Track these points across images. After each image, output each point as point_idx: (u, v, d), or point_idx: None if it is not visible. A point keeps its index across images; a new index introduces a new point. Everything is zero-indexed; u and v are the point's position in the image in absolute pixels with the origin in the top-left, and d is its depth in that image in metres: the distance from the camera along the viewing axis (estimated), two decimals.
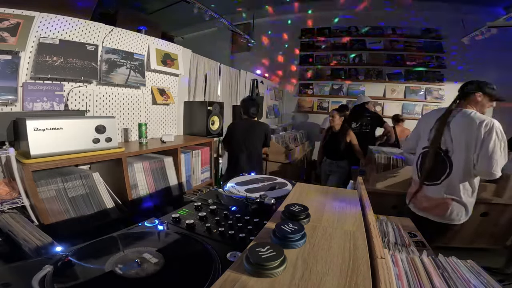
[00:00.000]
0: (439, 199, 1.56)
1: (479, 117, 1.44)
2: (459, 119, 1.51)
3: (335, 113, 3.02)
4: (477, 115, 1.47)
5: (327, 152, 3.16)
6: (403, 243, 0.97)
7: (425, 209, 1.63)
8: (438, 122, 1.59)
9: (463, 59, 4.57)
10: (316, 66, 5.41)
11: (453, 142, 1.50)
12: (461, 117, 1.51)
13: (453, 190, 1.52)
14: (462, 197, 1.51)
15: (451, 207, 1.53)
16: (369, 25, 5.07)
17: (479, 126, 1.40)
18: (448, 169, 1.52)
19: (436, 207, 1.57)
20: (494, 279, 0.60)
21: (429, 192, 1.60)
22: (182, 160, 1.91)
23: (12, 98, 1.34)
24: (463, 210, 1.54)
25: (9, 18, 1.33)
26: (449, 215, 1.54)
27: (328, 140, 3.09)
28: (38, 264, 0.53)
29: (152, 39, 2.12)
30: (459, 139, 1.48)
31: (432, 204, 1.59)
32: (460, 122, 1.50)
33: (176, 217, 0.81)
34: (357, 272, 0.46)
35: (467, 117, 1.48)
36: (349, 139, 2.95)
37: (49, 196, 1.19)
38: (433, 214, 1.59)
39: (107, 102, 1.83)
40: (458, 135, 1.49)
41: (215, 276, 0.53)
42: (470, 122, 1.45)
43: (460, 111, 1.54)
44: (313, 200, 0.82)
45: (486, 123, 1.40)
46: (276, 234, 0.55)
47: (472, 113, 1.48)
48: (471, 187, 1.52)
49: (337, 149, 2.98)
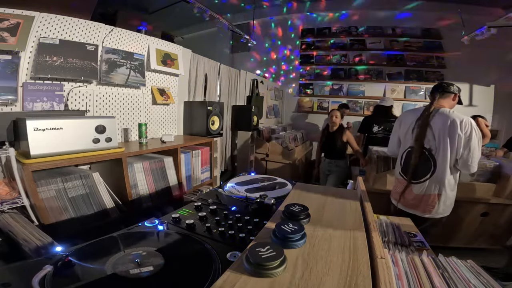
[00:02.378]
0: (425, 195, 1.64)
1: (457, 116, 1.56)
2: (438, 119, 1.61)
3: (337, 112, 3.01)
4: (454, 113, 1.59)
5: (325, 152, 3.17)
6: (403, 243, 0.97)
7: (412, 206, 1.70)
8: (419, 122, 1.68)
9: (463, 59, 4.57)
10: (316, 66, 5.41)
11: (436, 140, 1.60)
12: (440, 116, 1.61)
13: (438, 186, 1.61)
14: (447, 191, 1.61)
15: (437, 202, 1.62)
16: (369, 25, 5.06)
17: (460, 125, 1.52)
18: (432, 167, 1.62)
19: (423, 203, 1.65)
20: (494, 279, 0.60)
21: (415, 189, 1.68)
22: (182, 160, 1.91)
23: (12, 98, 1.34)
24: (448, 203, 1.65)
25: (9, 18, 1.33)
26: (435, 210, 1.63)
27: (325, 140, 3.10)
28: (38, 264, 0.53)
29: (152, 39, 2.12)
30: (442, 137, 1.57)
31: (419, 201, 1.67)
32: (440, 121, 1.60)
33: (176, 217, 0.81)
34: (357, 272, 0.46)
35: (446, 116, 1.58)
36: (346, 138, 2.94)
37: (49, 196, 1.19)
38: (420, 210, 1.66)
39: (107, 102, 1.83)
40: (441, 134, 1.58)
41: (215, 276, 0.53)
42: (450, 120, 1.55)
43: (438, 111, 1.64)
44: (313, 200, 0.82)
45: (465, 122, 1.52)
46: (276, 234, 0.55)
47: (450, 112, 1.60)
48: (454, 181, 1.64)
49: (334, 148, 3.01)
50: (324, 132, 3.12)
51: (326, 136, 3.08)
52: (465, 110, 3.78)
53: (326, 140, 3.08)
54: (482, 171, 2.24)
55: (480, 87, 4.44)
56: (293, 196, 0.86)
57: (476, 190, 2.20)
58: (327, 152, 3.13)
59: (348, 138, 2.96)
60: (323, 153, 3.21)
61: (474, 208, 2.25)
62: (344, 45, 5.21)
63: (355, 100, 5.15)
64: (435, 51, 4.73)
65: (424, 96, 4.80)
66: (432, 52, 4.75)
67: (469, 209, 2.24)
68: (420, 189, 1.66)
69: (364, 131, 3.47)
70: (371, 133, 3.39)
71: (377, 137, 3.34)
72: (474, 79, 4.46)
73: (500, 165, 2.25)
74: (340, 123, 3.03)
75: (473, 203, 2.22)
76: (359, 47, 5.11)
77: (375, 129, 3.38)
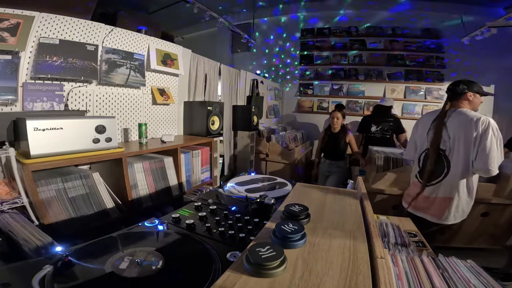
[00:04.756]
0: (437, 199, 1.56)
1: (475, 115, 1.46)
2: (455, 118, 1.53)
3: (339, 114, 2.96)
4: (472, 113, 1.49)
5: (326, 153, 3.13)
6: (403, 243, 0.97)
7: (422, 209, 1.63)
8: (434, 123, 1.61)
9: (463, 59, 4.57)
10: (316, 66, 5.41)
11: (451, 141, 1.51)
12: (457, 116, 1.53)
13: (451, 190, 1.52)
14: (460, 196, 1.52)
15: (448, 207, 1.53)
16: (369, 25, 5.06)
17: (476, 123, 1.42)
18: (446, 169, 1.53)
19: (434, 207, 1.57)
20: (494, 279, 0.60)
21: (427, 192, 1.60)
22: (182, 160, 1.91)
23: (12, 98, 1.34)
24: (460, 210, 1.54)
25: (9, 18, 1.33)
26: (446, 216, 1.54)
27: (327, 141, 3.06)
28: (38, 264, 0.53)
29: (152, 39, 2.12)
30: (457, 137, 1.49)
31: (429, 204, 1.59)
32: (457, 120, 1.52)
33: (176, 217, 0.81)
34: (357, 272, 0.46)
35: (463, 115, 1.50)
36: (348, 139, 2.94)
37: (49, 196, 1.19)
38: (430, 214, 1.58)
39: (107, 102, 1.83)
40: (456, 133, 1.49)
41: (215, 276, 0.53)
42: (467, 119, 1.47)
43: (455, 110, 1.56)
44: (313, 200, 0.82)
45: (482, 120, 1.42)
46: (276, 234, 0.55)
47: (467, 111, 1.51)
48: (469, 186, 1.53)
49: (337, 149, 2.97)
50: (327, 132, 3.08)
51: (328, 136, 3.04)
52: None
53: (328, 140, 3.04)
54: None
55: None
56: (293, 196, 0.86)
57: (476, 190, 2.19)
58: (328, 153, 3.10)
59: (350, 139, 2.94)
60: (323, 154, 3.17)
61: (474, 208, 2.22)
62: (344, 45, 5.21)
63: (355, 100, 5.15)
64: (435, 51, 4.73)
65: (424, 96, 4.81)
66: (432, 52, 4.75)
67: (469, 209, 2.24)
68: (432, 192, 1.57)
69: (363, 131, 3.48)
70: (370, 132, 3.41)
71: (376, 137, 3.35)
72: (474, 79, 4.44)
73: (500, 165, 2.24)
74: (342, 123, 3.00)
75: (473, 203, 2.22)
76: (359, 47, 5.11)
77: (373, 129, 3.40)
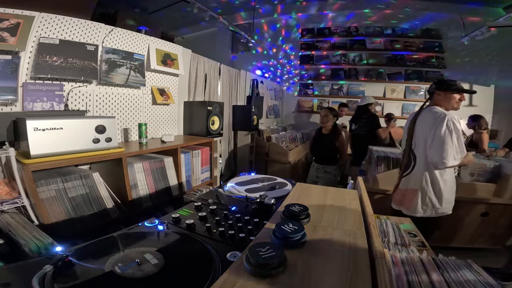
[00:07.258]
0: (407, 190, 1.68)
1: (437, 112, 1.54)
2: (423, 115, 1.65)
3: (328, 111, 2.63)
4: (438, 110, 1.56)
5: (315, 156, 2.84)
6: (403, 243, 0.97)
7: (398, 202, 1.75)
8: (410, 122, 1.74)
9: (463, 59, 4.57)
10: (316, 66, 5.41)
11: (416, 136, 1.65)
12: (425, 113, 1.65)
13: (416, 182, 1.62)
14: (425, 189, 1.59)
15: (415, 199, 1.62)
16: (369, 25, 5.07)
17: (434, 119, 1.51)
18: (412, 162, 1.67)
19: (406, 199, 1.68)
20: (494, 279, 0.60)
21: (401, 184, 1.74)
22: (182, 160, 1.91)
23: (12, 98, 1.34)
24: (429, 204, 1.59)
25: (9, 18, 1.33)
26: (414, 208, 1.62)
27: (315, 142, 2.75)
28: (38, 264, 0.53)
29: (152, 39, 2.12)
30: (420, 132, 1.62)
31: (402, 197, 1.71)
32: (423, 117, 1.64)
33: (176, 217, 0.81)
34: (357, 272, 0.46)
35: (429, 112, 1.60)
36: (338, 144, 2.62)
37: (49, 196, 1.19)
38: (404, 207, 1.69)
39: (107, 102, 1.83)
40: (419, 129, 1.63)
41: (215, 276, 0.53)
42: (429, 116, 1.57)
43: (426, 108, 1.67)
44: (313, 200, 0.82)
45: (439, 115, 1.49)
46: (276, 234, 0.55)
47: (435, 109, 1.59)
48: (433, 179, 1.57)
49: (325, 152, 2.69)
50: (317, 132, 2.81)
51: (318, 137, 2.74)
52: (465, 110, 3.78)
53: (317, 141, 2.73)
54: (482, 171, 2.25)
55: (480, 87, 4.44)
56: (293, 196, 0.86)
57: (476, 190, 2.20)
58: (316, 156, 2.82)
59: (340, 144, 2.61)
60: (313, 157, 2.90)
61: (474, 208, 2.25)
62: (344, 45, 5.21)
63: (355, 100, 5.15)
64: (435, 51, 4.73)
65: (424, 96, 4.80)
66: (432, 52, 4.75)
67: (469, 209, 2.24)
68: (404, 184, 1.71)
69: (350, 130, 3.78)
70: (351, 131, 3.69)
71: (355, 135, 3.60)
72: (474, 79, 4.47)
73: (500, 165, 2.25)
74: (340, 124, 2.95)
75: (473, 203, 2.22)
76: (359, 47, 5.11)
77: (353, 127, 3.66)
